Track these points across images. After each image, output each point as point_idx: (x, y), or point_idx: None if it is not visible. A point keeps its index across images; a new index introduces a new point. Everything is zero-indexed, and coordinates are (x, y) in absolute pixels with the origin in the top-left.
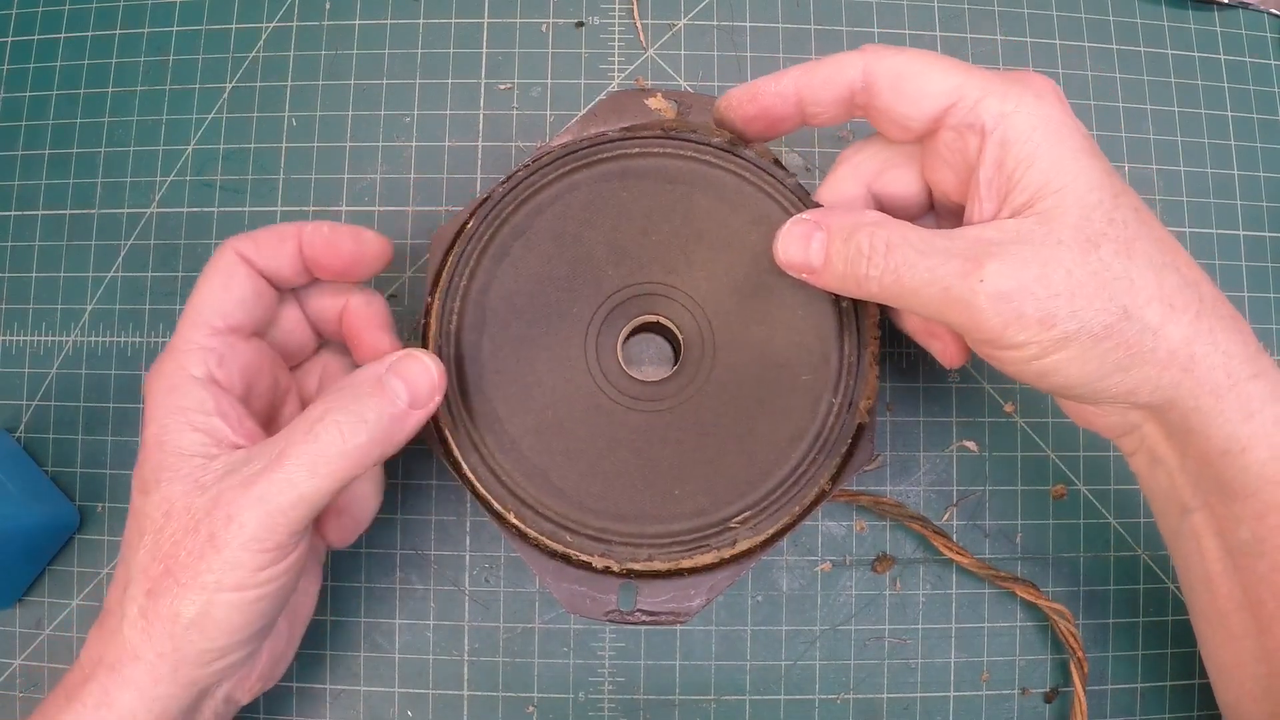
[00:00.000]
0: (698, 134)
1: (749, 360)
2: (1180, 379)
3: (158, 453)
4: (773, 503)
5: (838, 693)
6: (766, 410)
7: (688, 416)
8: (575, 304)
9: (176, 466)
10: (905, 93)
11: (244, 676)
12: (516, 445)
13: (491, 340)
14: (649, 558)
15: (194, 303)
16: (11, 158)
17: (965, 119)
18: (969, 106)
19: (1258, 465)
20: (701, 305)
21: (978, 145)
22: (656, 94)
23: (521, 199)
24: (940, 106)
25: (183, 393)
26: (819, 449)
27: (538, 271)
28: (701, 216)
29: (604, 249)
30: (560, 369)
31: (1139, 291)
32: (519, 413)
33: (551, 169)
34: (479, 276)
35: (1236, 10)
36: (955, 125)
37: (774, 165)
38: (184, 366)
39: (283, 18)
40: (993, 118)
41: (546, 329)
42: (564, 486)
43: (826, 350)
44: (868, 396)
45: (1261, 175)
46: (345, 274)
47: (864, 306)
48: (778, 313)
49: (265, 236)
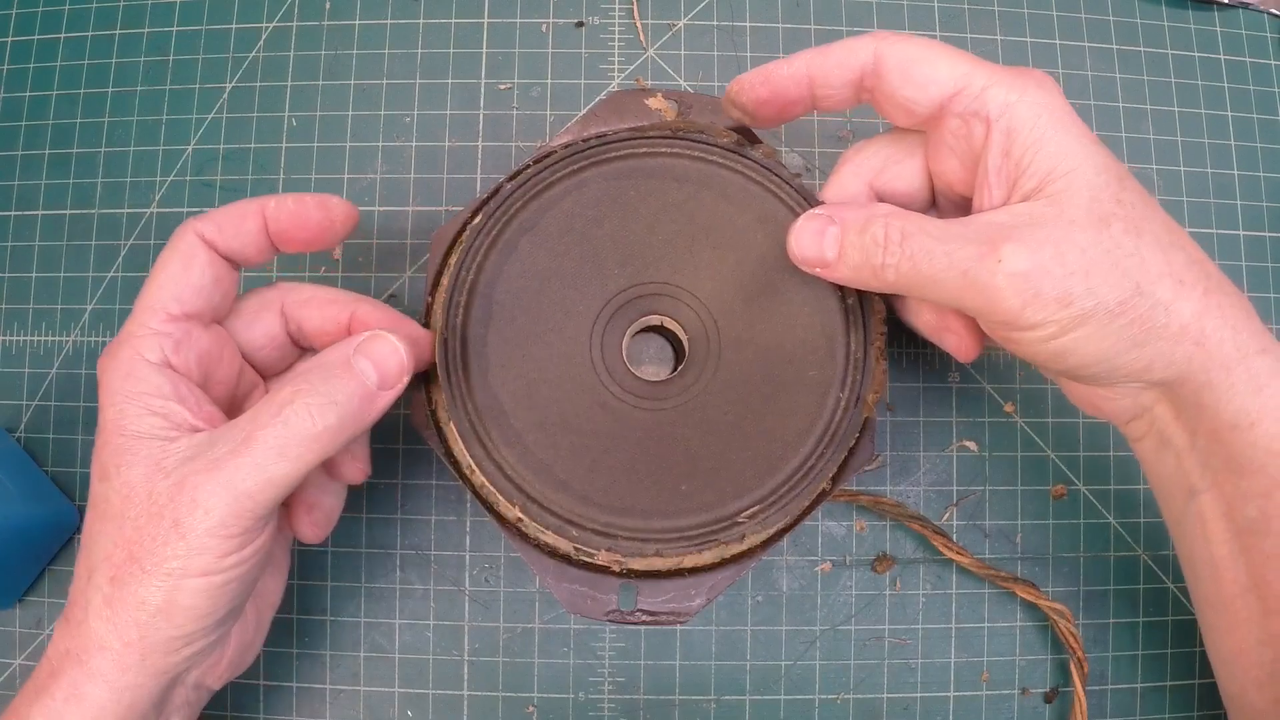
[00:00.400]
0: (705, 135)
1: (754, 357)
2: (1193, 353)
3: (116, 437)
4: (781, 496)
5: (838, 693)
6: (773, 406)
7: (694, 414)
8: (581, 301)
9: (135, 450)
10: (913, 78)
11: (214, 664)
12: (521, 439)
13: (497, 334)
14: (656, 553)
15: (150, 287)
16: (11, 158)
17: (971, 106)
18: (974, 94)
19: (1266, 439)
20: (707, 304)
21: (984, 133)
22: (656, 94)
23: (530, 195)
24: (946, 93)
25: (138, 378)
26: (827, 443)
27: (545, 267)
28: (708, 216)
29: (611, 246)
30: (565, 365)
31: (1149, 268)
32: (524, 407)
33: (561, 166)
34: (486, 270)
35: (1236, 10)
36: (961, 112)
37: (780, 165)
38: (139, 352)
39: (283, 18)
40: (998, 105)
41: (552, 325)
42: (569, 481)
43: (833, 346)
44: (875, 390)
45: (1261, 175)
46: (312, 244)
47: (870, 303)
48: (783, 311)
49: (226, 216)
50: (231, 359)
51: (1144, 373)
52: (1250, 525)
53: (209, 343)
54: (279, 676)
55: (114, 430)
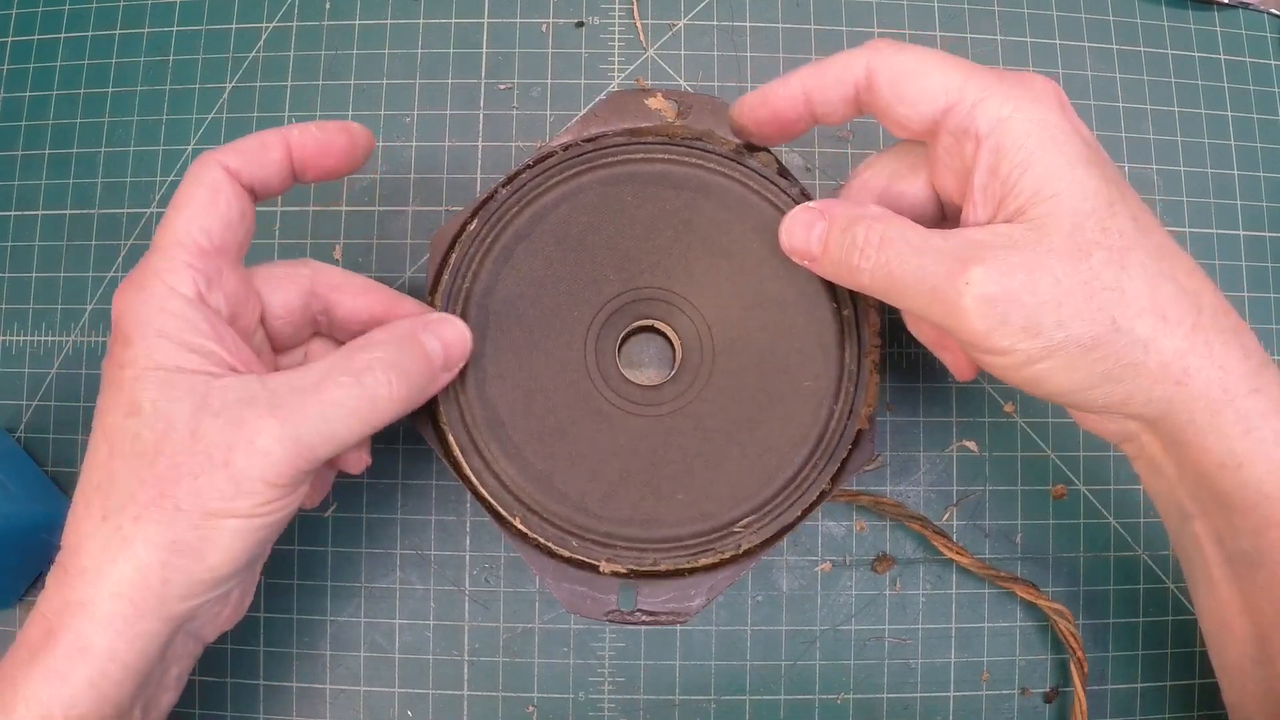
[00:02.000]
0: (704, 142)
1: (749, 366)
2: (1173, 393)
3: (151, 371)
4: (776, 506)
5: (838, 693)
6: (768, 416)
7: (689, 421)
8: (576, 307)
9: (176, 384)
10: (904, 94)
11: (217, 613)
12: (520, 451)
13: (494, 344)
14: (654, 562)
15: (175, 221)
16: (11, 158)
17: (962, 123)
18: (966, 110)
19: (1256, 480)
20: (702, 311)
21: (973, 150)
22: (656, 94)
23: (526, 201)
24: (937, 108)
25: (172, 312)
26: (821, 454)
27: (540, 275)
28: (705, 223)
29: (606, 253)
30: (561, 373)
31: (1130, 303)
32: (522, 417)
33: (557, 171)
34: (482, 279)
35: (1236, 10)
36: (953, 130)
37: (778, 175)
38: (171, 285)
39: (283, 18)
40: (988, 122)
41: (548, 333)
42: (568, 492)
43: (827, 357)
44: (869, 403)
45: (1261, 175)
46: (334, 171)
47: (865, 315)
48: (778, 320)
49: (249, 145)
50: (255, 308)
51: (1121, 406)
52: (1243, 557)
53: (236, 284)
54: (279, 676)
55: (147, 364)
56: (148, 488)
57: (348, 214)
